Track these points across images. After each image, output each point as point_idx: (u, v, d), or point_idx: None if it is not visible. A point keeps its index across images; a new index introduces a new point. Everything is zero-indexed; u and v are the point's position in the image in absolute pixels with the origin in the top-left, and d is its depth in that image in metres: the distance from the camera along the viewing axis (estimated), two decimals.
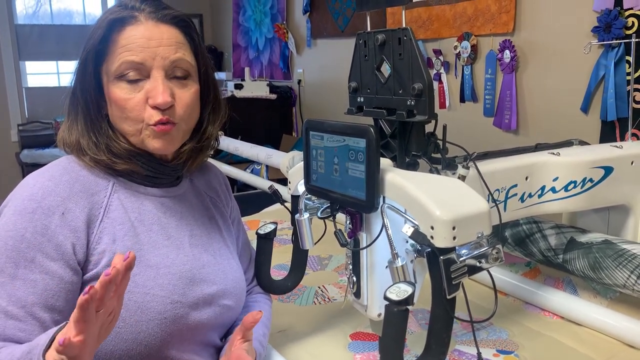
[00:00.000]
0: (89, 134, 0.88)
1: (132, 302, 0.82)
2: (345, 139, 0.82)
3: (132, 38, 0.85)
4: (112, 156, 0.87)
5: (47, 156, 4.09)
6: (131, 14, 0.86)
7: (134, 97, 0.85)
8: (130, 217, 0.87)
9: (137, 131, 0.87)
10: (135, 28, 0.85)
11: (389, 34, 0.92)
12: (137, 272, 0.84)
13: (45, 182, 0.83)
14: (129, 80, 0.85)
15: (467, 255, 0.74)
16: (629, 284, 1.12)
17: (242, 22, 4.61)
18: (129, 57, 0.84)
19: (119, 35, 0.85)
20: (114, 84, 0.86)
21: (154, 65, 0.85)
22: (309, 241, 1.02)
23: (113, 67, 0.85)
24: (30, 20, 4.71)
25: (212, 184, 1.06)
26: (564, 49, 2.14)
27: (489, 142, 2.44)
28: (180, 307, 0.86)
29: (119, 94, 0.85)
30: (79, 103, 0.88)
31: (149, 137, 0.87)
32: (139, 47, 0.84)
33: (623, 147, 1.28)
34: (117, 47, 0.85)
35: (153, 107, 0.85)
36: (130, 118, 0.86)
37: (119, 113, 0.86)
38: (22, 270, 0.78)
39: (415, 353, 1.10)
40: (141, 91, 0.85)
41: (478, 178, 1.02)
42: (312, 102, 3.91)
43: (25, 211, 0.80)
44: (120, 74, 0.85)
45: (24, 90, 4.63)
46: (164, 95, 0.84)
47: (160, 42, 0.86)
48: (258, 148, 2.63)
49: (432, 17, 2.70)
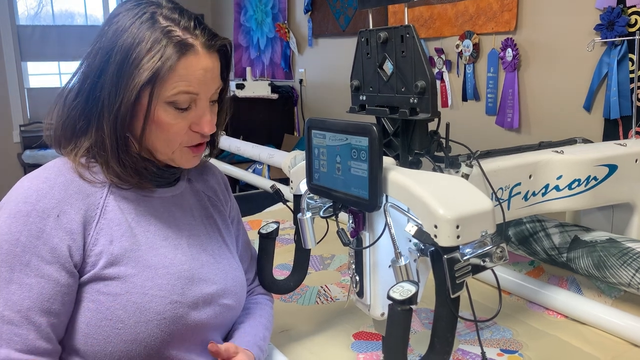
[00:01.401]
0: (116, 152, 0.85)
1: (130, 303, 0.82)
2: (348, 138, 0.81)
3: (191, 69, 0.83)
4: (131, 171, 0.87)
5: (49, 157, 4.09)
6: (191, 41, 0.83)
7: (179, 124, 0.86)
8: (127, 217, 0.87)
9: (169, 151, 0.88)
10: (195, 59, 0.83)
11: (391, 32, 0.92)
12: (135, 273, 0.83)
13: (39, 184, 0.82)
14: (179, 108, 0.85)
15: (471, 254, 0.73)
16: (634, 283, 1.11)
17: (244, 22, 4.61)
18: (187, 88, 0.83)
19: (178, 62, 0.82)
20: (162, 107, 0.84)
21: (203, 95, 0.86)
22: (312, 240, 1.01)
23: (167, 93, 0.83)
24: (32, 21, 4.72)
25: (211, 184, 1.05)
26: (566, 47, 2.13)
27: (491, 141, 2.43)
28: (180, 307, 0.85)
29: (166, 118, 0.84)
30: (105, 114, 0.84)
31: (181, 156, 0.89)
32: (196, 80, 0.84)
33: (627, 145, 1.27)
34: (174, 74, 0.82)
35: (195, 131, 0.87)
36: (170, 140, 0.86)
37: (160, 134, 0.86)
38: (18, 274, 0.77)
39: (419, 352, 1.09)
40: (186, 118, 0.86)
41: (481, 176, 1.01)
42: (314, 102, 3.90)
43: (19, 214, 0.79)
44: (174, 101, 0.84)
45: (25, 91, 4.63)
46: (210, 125, 0.87)
47: (212, 74, 0.87)
48: (260, 148, 2.62)
49: (434, 16, 2.69)
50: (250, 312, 1.02)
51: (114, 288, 0.82)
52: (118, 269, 0.83)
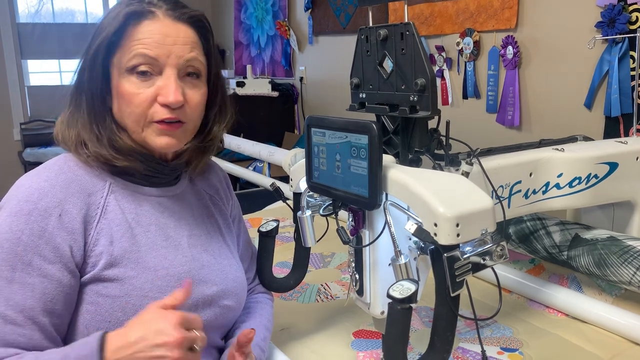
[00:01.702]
0: (92, 126, 0.86)
1: (129, 305, 0.81)
2: (348, 136, 0.81)
3: (148, 33, 0.83)
4: (113, 151, 0.85)
5: (49, 155, 4.09)
6: (149, 8, 0.85)
7: (142, 93, 0.83)
8: (127, 217, 0.86)
9: (139, 128, 0.85)
10: (153, 23, 0.84)
11: (391, 29, 0.92)
12: (134, 275, 0.83)
13: (41, 183, 0.81)
14: (139, 73, 0.83)
15: (471, 252, 0.73)
16: (635, 281, 1.11)
17: (244, 20, 4.61)
18: (143, 51, 0.83)
19: (134, 28, 0.84)
20: (124, 77, 0.84)
21: (168, 63, 0.84)
22: (311, 239, 1.01)
23: (125, 59, 0.83)
24: (32, 19, 4.71)
25: (212, 182, 1.04)
26: (567, 44, 2.13)
27: (491, 139, 2.43)
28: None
29: (128, 88, 0.83)
30: (84, 95, 0.86)
31: (151, 134, 0.85)
32: (154, 43, 0.83)
33: (628, 143, 1.26)
34: (131, 40, 0.83)
35: (162, 105, 0.84)
36: (135, 113, 0.84)
37: (125, 107, 0.85)
38: (19, 274, 0.76)
39: (418, 351, 1.09)
40: (151, 87, 0.84)
41: (482, 174, 1.01)
42: (314, 100, 3.90)
43: (20, 213, 0.78)
44: (132, 67, 0.83)
45: (26, 89, 4.63)
46: (176, 94, 0.83)
47: (176, 40, 0.85)
48: (260, 146, 2.62)
49: (434, 13, 2.69)
50: (251, 312, 1.02)
51: (113, 290, 0.81)
52: (117, 271, 0.82)
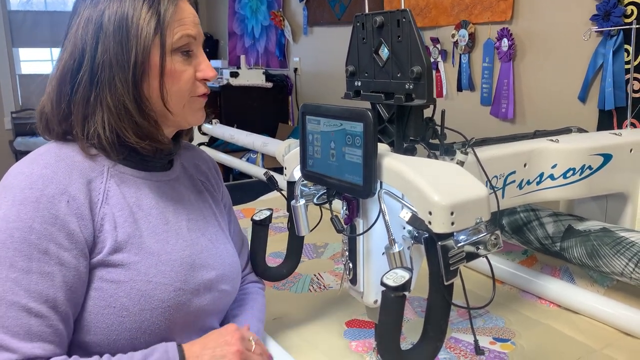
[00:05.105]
0: (133, 115, 0.83)
1: (134, 290, 0.81)
2: (342, 123, 0.80)
3: (185, 13, 0.87)
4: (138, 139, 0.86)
5: (40, 143, 3.98)
6: None
7: (187, 70, 0.87)
8: (129, 202, 0.85)
9: (181, 104, 0.88)
10: (184, 4, 0.88)
11: (387, 16, 0.91)
12: (138, 260, 0.82)
13: (42, 170, 0.79)
14: (184, 52, 0.87)
15: (465, 241, 0.73)
16: (627, 272, 1.12)
17: (238, 10, 4.57)
18: (187, 31, 0.86)
19: (174, 9, 0.85)
20: (171, 57, 0.85)
21: (199, 41, 0.90)
22: (305, 227, 1.00)
23: (172, 39, 0.85)
24: (24, 7, 4.66)
25: (202, 169, 1.04)
26: (562, 37, 2.13)
27: (485, 132, 2.41)
28: (183, 295, 0.85)
29: (178, 67, 0.86)
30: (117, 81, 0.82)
31: (190, 109, 0.90)
32: (191, 22, 0.88)
33: (622, 135, 1.27)
34: (174, 21, 0.85)
35: (201, 80, 0.90)
36: (183, 90, 0.87)
37: (171, 86, 0.86)
38: (37, 264, 0.74)
39: (411, 340, 1.09)
40: (190, 65, 0.88)
41: (476, 164, 1.01)
42: (309, 91, 3.88)
43: (27, 200, 0.76)
44: (180, 47, 0.86)
45: (17, 78, 4.59)
46: (212, 69, 0.91)
47: (196, 19, 0.90)
48: (254, 136, 2.60)
49: (429, 5, 2.68)
50: (243, 304, 1.01)
51: (117, 275, 0.81)
52: (122, 256, 0.81)
